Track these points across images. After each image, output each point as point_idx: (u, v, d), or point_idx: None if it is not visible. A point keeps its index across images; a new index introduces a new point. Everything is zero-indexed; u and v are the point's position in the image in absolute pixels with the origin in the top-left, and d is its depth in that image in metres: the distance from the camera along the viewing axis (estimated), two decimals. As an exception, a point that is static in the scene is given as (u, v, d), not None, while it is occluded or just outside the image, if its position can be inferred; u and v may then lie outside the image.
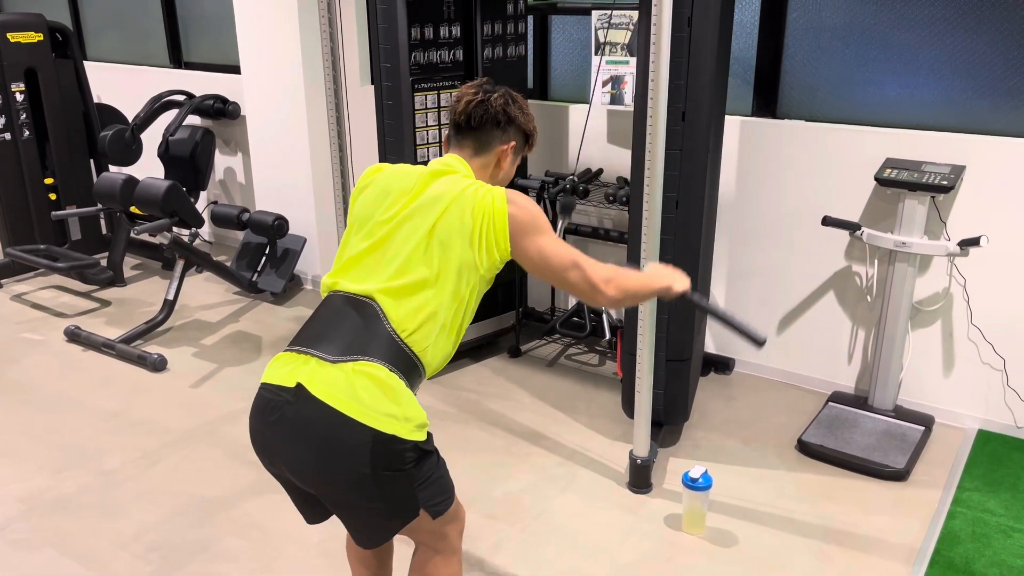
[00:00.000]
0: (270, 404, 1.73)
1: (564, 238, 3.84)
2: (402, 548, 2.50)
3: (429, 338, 1.77)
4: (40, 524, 2.85)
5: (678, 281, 1.99)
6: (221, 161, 5.53)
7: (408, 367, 1.76)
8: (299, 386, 1.68)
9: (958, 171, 3.06)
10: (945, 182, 3.00)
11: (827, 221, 3.28)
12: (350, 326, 1.75)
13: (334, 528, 2.79)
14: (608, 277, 1.83)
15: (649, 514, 2.87)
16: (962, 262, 3.22)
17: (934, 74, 3.23)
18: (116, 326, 4.42)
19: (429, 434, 1.77)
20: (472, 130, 1.90)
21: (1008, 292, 3.17)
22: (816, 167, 3.43)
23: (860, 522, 2.81)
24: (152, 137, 5.36)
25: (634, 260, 2.90)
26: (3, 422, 3.50)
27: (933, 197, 3.14)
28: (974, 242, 3.00)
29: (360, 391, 1.67)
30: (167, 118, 5.27)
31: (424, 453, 1.76)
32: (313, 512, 1.91)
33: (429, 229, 1.76)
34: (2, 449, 3.30)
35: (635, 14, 3.37)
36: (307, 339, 1.77)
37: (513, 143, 1.93)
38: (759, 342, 2.03)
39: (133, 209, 4.42)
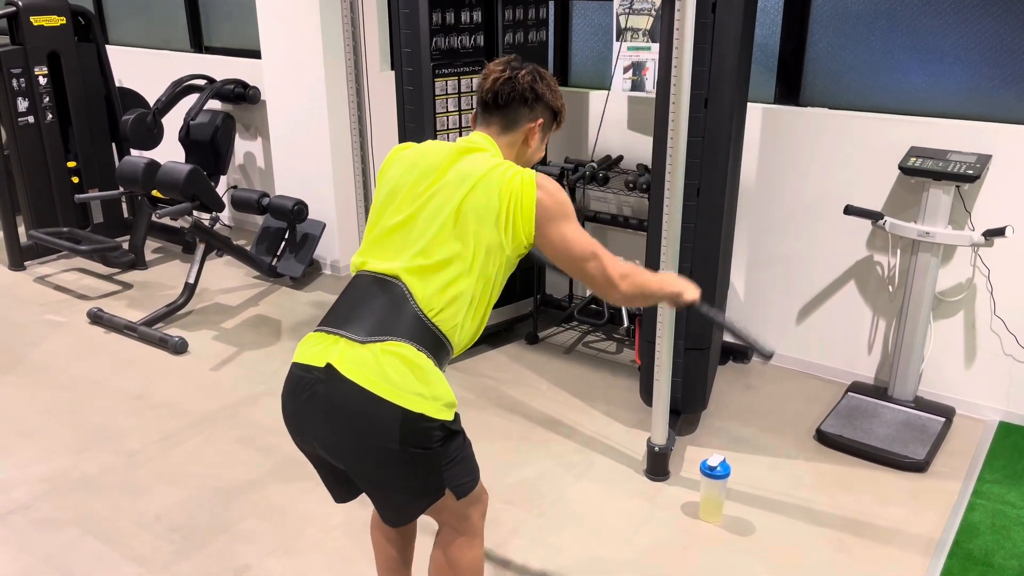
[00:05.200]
0: (302, 382, 1.75)
1: (583, 224, 3.83)
2: (423, 537, 2.52)
3: (456, 317, 1.78)
4: (63, 503, 2.89)
5: (689, 290, 2.01)
6: (241, 146, 5.55)
7: (436, 346, 1.77)
8: (329, 366, 1.70)
9: (984, 160, 3.02)
10: (970, 171, 2.97)
11: (849, 210, 3.25)
12: (377, 306, 1.76)
13: (354, 511, 2.81)
14: (624, 273, 1.84)
15: (666, 502, 2.88)
16: (986, 252, 3.19)
17: (960, 62, 3.19)
18: (138, 309, 4.46)
19: (456, 414, 1.79)
20: (499, 108, 1.88)
21: (1033, 283, 3.14)
22: (839, 155, 3.40)
23: (878, 513, 2.80)
24: (173, 121, 5.38)
25: (653, 249, 2.90)
26: (26, 403, 3.55)
27: (958, 186, 3.10)
28: (999, 232, 2.96)
29: (389, 371, 1.68)
30: (188, 102, 5.29)
31: (451, 433, 1.77)
32: (342, 490, 1.93)
33: (456, 208, 1.75)
34: (25, 429, 3.34)
35: (658, 0, 3.35)
36: (336, 319, 1.79)
37: (541, 121, 1.92)
38: (767, 355, 2.11)
39: (155, 193, 4.45)
